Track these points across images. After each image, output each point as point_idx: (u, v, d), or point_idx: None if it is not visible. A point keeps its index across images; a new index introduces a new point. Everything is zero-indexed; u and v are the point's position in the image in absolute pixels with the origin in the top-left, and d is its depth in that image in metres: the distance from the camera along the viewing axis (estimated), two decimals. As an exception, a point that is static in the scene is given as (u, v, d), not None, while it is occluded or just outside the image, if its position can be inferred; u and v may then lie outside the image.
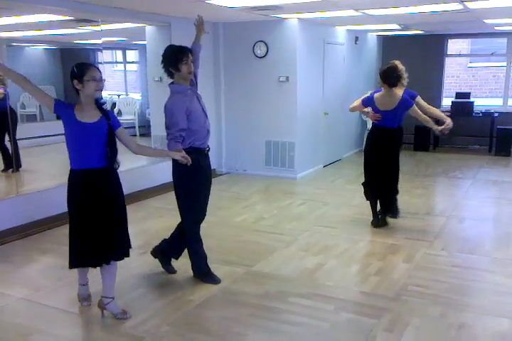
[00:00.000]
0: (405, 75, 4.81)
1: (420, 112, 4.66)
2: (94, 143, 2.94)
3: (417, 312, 3.19)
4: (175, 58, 3.39)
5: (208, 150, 3.59)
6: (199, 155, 3.47)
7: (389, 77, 4.54)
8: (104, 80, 3.01)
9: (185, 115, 3.36)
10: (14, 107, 5.67)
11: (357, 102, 4.79)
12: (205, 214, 3.68)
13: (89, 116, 2.94)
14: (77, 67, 2.93)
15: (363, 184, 4.97)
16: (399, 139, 4.82)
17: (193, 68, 3.45)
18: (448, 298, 3.38)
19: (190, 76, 3.45)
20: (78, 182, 2.98)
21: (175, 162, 3.43)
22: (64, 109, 2.93)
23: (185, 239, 3.67)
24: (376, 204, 4.93)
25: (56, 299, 3.42)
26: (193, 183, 3.51)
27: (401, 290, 3.49)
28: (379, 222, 4.93)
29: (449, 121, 4.65)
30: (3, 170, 5.35)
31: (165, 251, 3.81)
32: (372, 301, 3.34)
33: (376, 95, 4.65)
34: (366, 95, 4.79)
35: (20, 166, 5.24)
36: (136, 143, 3.20)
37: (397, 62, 4.77)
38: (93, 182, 2.98)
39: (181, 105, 3.38)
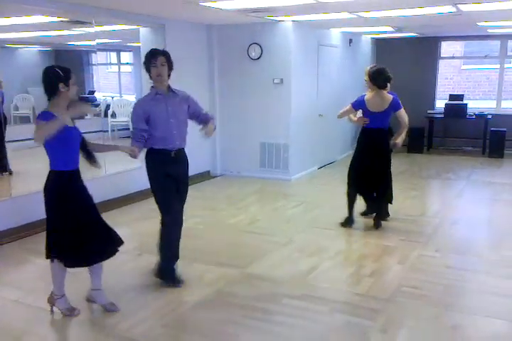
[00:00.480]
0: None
1: (406, 117, 4.69)
2: (77, 146, 3.08)
3: (411, 314, 3.20)
4: (147, 61, 3.45)
5: (177, 152, 3.64)
6: (161, 155, 3.55)
7: (378, 78, 4.58)
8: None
9: (143, 117, 3.45)
10: (8, 109, 5.66)
11: (345, 108, 4.81)
12: (175, 209, 3.78)
13: (67, 120, 2.97)
14: (62, 70, 2.95)
15: (349, 185, 4.94)
16: (389, 140, 4.83)
17: (163, 71, 3.44)
18: (442, 299, 3.39)
19: (158, 79, 3.46)
20: (72, 184, 3.06)
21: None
22: (53, 117, 2.90)
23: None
24: (355, 203, 4.95)
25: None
26: (152, 181, 3.64)
27: (395, 292, 3.49)
28: (353, 221, 4.93)
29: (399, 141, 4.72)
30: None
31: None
32: (366, 303, 3.35)
33: (367, 97, 4.67)
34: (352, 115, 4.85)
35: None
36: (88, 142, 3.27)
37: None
38: (78, 182, 3.12)
39: (138, 107, 3.53)
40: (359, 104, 4.70)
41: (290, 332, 3.00)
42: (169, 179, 3.62)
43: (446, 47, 10.20)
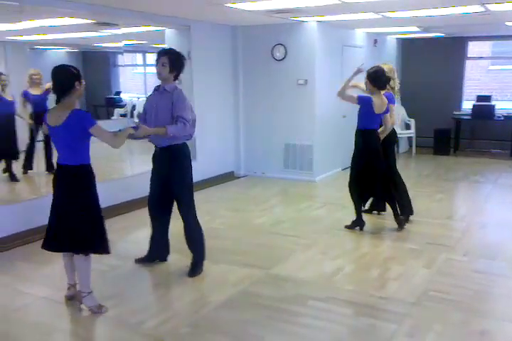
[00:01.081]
0: (397, 79, 4.97)
1: (390, 121, 4.72)
2: None
3: (438, 318, 3.15)
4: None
5: (161, 149, 3.70)
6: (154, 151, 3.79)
7: (379, 79, 4.57)
8: None
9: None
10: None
11: (351, 94, 4.68)
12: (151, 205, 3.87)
13: None
14: (75, 69, 3.11)
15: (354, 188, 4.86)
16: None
17: (162, 71, 3.62)
18: (470, 304, 3.33)
19: (158, 76, 3.65)
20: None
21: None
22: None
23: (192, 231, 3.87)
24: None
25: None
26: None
27: (422, 296, 3.44)
28: (363, 223, 4.87)
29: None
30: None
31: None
32: (392, 306, 3.31)
33: (374, 99, 4.59)
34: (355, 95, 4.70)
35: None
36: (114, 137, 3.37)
37: (387, 66, 4.91)
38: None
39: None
40: (366, 101, 4.59)
41: (315, 335, 2.98)
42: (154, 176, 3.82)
43: (474, 48, 10.02)
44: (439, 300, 3.39)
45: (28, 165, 5.45)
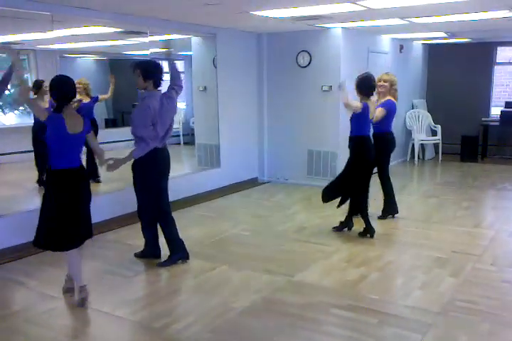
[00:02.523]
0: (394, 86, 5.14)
1: None
2: None
3: (464, 329, 3.08)
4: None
5: None
6: None
7: (363, 87, 4.69)
8: None
9: None
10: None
11: (356, 103, 4.74)
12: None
13: None
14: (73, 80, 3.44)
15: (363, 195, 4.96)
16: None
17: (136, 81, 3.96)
18: (497, 315, 3.25)
19: (137, 87, 4.01)
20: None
21: None
22: None
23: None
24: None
25: (103, 303, 3.50)
26: None
27: (448, 305, 3.38)
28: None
29: None
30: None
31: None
32: (417, 316, 3.26)
33: (369, 104, 4.74)
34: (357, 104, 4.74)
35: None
36: None
37: (388, 76, 5.14)
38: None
39: None
40: (366, 109, 4.71)
41: (338, 343, 2.95)
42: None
43: (502, 53, 9.85)
44: (465, 310, 3.32)
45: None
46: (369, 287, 3.73)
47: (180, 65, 8.89)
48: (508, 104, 9.28)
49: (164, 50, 6.16)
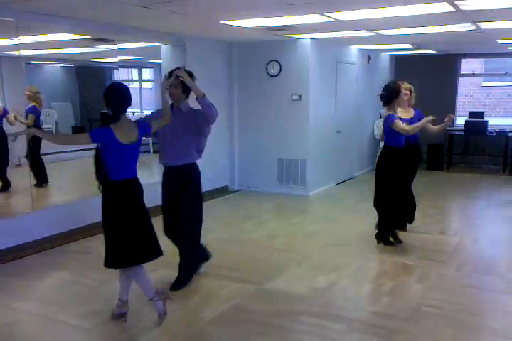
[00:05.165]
0: (412, 94, 5.05)
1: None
2: None
3: (430, 334, 3.14)
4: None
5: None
6: None
7: (384, 95, 4.59)
8: None
9: None
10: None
11: (403, 125, 4.45)
12: None
13: None
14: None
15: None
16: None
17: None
18: (462, 320, 3.32)
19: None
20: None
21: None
22: None
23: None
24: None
25: (69, 314, 3.42)
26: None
27: (414, 311, 3.43)
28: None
29: None
30: (36, 185, 5.38)
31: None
32: (385, 322, 3.29)
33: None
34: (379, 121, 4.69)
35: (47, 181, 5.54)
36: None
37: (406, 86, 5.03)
38: None
39: None
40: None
41: (307, 351, 2.96)
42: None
43: (466, 64, 10.16)
44: (431, 315, 3.38)
45: None
46: (338, 294, 3.76)
47: (149, 73, 8.87)
48: (472, 114, 9.56)
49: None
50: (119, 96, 3.08)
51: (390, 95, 4.56)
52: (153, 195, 3.68)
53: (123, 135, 3.04)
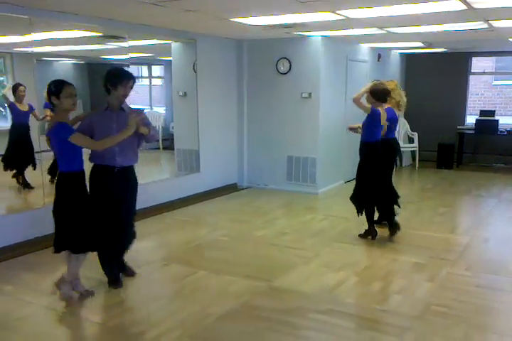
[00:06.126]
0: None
1: None
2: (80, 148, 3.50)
3: (439, 333, 3.13)
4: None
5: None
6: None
7: (381, 93, 4.82)
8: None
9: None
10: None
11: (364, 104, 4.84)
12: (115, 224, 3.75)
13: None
14: (54, 84, 3.36)
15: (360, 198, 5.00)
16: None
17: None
18: (471, 319, 3.31)
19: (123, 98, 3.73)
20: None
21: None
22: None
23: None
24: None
25: (80, 308, 3.46)
26: None
27: (424, 310, 3.43)
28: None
29: None
30: (51, 180, 5.34)
31: None
32: (394, 320, 3.29)
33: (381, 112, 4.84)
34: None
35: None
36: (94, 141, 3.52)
37: (393, 83, 5.34)
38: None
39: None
40: (376, 114, 4.77)
41: (316, 347, 2.97)
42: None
43: (477, 63, 10.09)
44: (440, 314, 3.37)
45: None
46: (347, 292, 3.76)
47: (159, 70, 8.90)
48: (482, 113, 9.50)
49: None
50: None
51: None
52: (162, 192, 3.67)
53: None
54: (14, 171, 5.44)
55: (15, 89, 5.29)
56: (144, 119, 3.64)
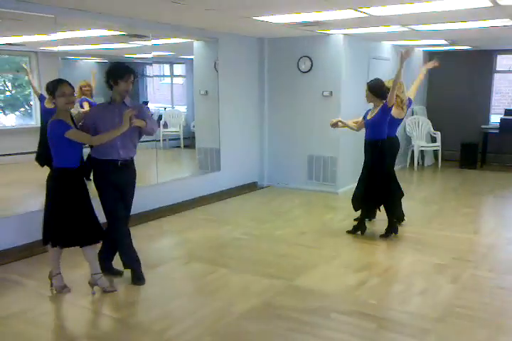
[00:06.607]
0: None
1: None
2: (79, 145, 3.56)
3: (462, 335, 3.09)
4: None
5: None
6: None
7: (380, 90, 4.82)
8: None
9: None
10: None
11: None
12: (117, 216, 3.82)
13: (68, 121, 3.49)
14: (51, 83, 3.43)
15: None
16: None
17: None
18: (495, 321, 3.26)
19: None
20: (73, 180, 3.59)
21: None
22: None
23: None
24: None
25: (101, 304, 3.51)
26: None
27: (446, 312, 3.39)
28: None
29: None
30: None
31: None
32: (416, 321, 3.26)
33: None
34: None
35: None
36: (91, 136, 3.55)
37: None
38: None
39: None
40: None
41: (337, 348, 2.96)
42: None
43: (502, 61, 9.90)
44: (463, 316, 3.33)
45: None
46: (368, 292, 3.74)
47: (181, 69, 8.94)
48: (507, 112, 9.32)
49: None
50: None
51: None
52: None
53: None
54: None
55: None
56: (142, 113, 3.72)
